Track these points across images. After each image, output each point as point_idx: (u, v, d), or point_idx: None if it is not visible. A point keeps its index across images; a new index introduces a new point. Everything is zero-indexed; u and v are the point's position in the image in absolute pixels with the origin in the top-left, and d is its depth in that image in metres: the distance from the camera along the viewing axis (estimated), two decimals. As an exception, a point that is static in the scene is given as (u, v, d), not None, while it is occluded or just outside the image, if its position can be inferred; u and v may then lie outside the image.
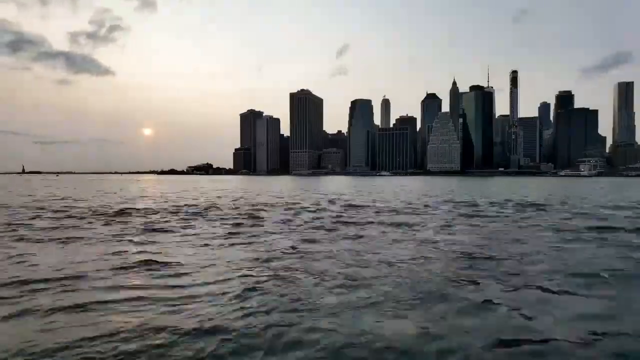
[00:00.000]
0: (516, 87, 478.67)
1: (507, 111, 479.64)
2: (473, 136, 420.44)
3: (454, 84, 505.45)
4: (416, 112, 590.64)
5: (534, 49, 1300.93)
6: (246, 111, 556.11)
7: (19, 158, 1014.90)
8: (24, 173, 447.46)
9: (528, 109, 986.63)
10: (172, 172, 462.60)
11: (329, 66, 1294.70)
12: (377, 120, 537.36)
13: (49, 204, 31.34)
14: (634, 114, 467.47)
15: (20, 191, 55.30)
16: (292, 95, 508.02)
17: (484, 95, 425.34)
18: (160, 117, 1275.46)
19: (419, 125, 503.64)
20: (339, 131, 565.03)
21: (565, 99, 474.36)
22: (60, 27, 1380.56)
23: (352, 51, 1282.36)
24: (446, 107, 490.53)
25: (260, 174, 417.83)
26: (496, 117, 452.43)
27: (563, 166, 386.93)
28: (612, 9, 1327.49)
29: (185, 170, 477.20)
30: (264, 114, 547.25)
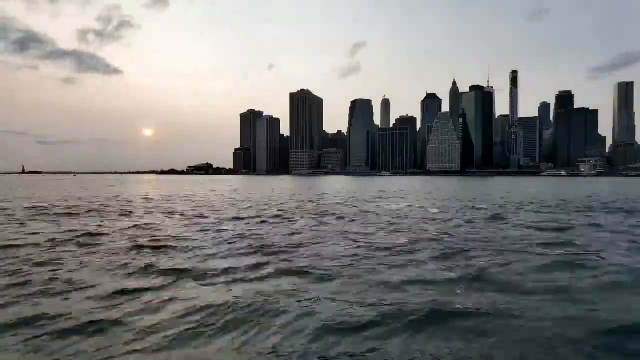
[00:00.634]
0: (516, 87, 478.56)
1: (507, 111, 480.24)
2: (473, 136, 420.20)
3: (454, 84, 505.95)
4: (416, 112, 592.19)
5: (534, 49, 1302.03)
6: (246, 111, 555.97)
7: (19, 158, 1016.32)
8: (23, 173, 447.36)
9: (528, 109, 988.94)
10: (172, 172, 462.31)
11: (329, 66, 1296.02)
12: (377, 120, 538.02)
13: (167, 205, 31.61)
14: (634, 114, 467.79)
15: (90, 194, 47.89)
16: (292, 95, 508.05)
17: (484, 95, 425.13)
18: (161, 117, 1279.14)
19: (419, 125, 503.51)
20: (339, 131, 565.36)
21: (565, 99, 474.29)
22: (68, 25, 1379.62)
23: (352, 51, 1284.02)
24: (446, 107, 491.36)
25: (260, 174, 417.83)
26: (496, 117, 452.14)
27: (563, 166, 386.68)
28: (619, 10, 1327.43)
29: (185, 170, 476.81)
30: (264, 114, 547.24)
